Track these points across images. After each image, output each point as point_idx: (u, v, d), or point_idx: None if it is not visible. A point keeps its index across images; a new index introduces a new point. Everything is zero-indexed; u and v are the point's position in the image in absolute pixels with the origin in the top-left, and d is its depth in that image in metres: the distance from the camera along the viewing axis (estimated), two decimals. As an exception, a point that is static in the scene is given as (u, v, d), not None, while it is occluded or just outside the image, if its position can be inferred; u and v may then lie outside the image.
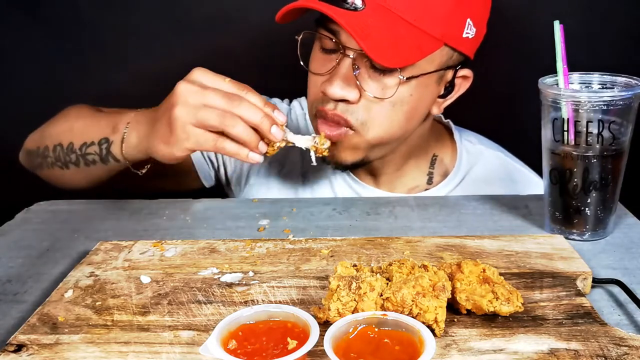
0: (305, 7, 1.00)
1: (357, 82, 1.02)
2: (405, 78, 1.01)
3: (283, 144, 0.92)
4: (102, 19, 1.55)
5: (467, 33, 1.04)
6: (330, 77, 1.03)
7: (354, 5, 0.98)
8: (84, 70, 1.54)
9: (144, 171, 1.04)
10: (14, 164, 1.19)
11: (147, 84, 1.51)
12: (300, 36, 1.06)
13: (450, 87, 1.10)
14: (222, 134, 0.89)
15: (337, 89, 1.01)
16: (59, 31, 1.55)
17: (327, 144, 0.96)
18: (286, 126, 0.92)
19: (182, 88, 0.89)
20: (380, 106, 1.03)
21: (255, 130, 0.89)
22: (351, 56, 1.01)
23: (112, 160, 1.02)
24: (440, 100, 1.11)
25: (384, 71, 1.01)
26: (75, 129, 1.08)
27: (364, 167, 1.17)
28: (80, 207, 1.10)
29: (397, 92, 1.01)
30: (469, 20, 1.04)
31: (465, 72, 1.10)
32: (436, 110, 1.12)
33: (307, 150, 0.96)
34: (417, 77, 1.02)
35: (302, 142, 0.94)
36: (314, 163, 0.97)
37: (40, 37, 1.56)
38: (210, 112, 0.87)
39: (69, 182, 1.14)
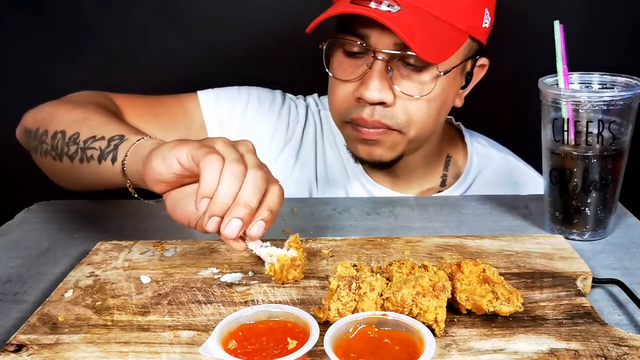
0: (346, 13, 0.99)
1: (392, 84, 1.02)
2: (442, 73, 1.02)
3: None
4: (103, 19, 1.56)
5: (485, 23, 1.06)
6: (363, 81, 1.03)
7: (392, 7, 0.98)
8: (84, 70, 1.55)
9: (129, 188, 0.89)
10: (14, 164, 1.19)
11: (147, 83, 1.51)
12: (325, 45, 1.07)
13: (469, 77, 1.11)
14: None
15: (374, 92, 1.01)
16: (59, 31, 1.55)
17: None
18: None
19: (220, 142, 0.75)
20: (416, 104, 1.04)
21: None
22: (380, 58, 1.01)
23: (110, 160, 0.89)
24: (460, 91, 1.12)
25: (419, 69, 1.02)
26: (91, 121, 0.96)
27: (384, 169, 1.17)
28: (80, 207, 1.10)
29: (434, 88, 1.02)
30: (486, 10, 1.06)
31: (483, 60, 1.12)
32: (459, 102, 1.13)
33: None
34: (449, 70, 1.04)
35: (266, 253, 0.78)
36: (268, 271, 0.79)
37: (40, 37, 1.56)
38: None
39: (58, 177, 1.05)
